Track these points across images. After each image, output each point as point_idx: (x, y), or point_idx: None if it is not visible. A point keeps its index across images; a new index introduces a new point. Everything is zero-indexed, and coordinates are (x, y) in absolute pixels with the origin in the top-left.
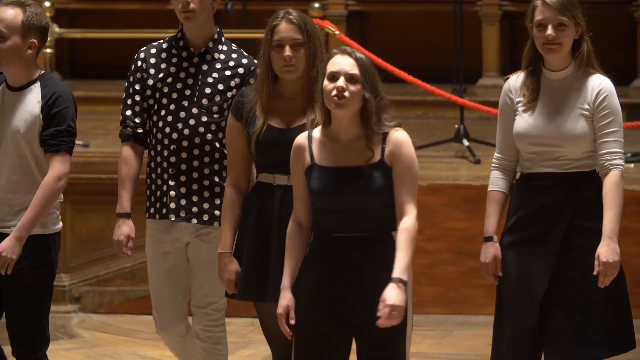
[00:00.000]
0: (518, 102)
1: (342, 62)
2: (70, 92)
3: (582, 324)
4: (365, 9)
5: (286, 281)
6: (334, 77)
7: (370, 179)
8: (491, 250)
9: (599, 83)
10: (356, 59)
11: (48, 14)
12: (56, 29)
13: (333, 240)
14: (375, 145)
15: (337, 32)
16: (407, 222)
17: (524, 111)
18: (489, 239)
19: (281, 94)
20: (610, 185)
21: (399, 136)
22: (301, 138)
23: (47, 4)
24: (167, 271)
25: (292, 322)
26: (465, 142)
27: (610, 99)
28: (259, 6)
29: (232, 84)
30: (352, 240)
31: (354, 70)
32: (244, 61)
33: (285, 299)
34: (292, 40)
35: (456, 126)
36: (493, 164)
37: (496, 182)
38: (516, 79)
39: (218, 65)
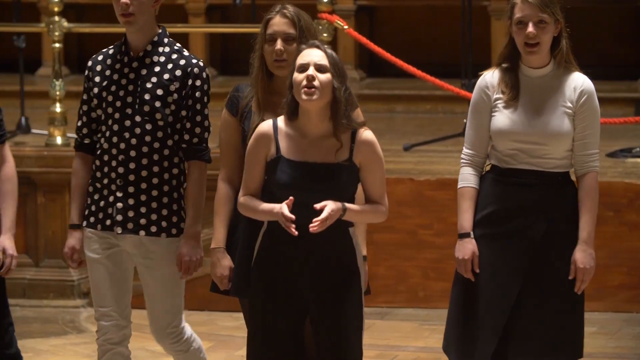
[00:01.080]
0: (497, 99)
1: (311, 54)
2: None
3: (548, 327)
4: (374, 4)
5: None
6: (303, 68)
7: (338, 177)
8: (469, 247)
9: (582, 82)
10: (325, 52)
11: (56, 9)
12: (64, 23)
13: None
14: (343, 143)
15: (345, 27)
16: (380, 206)
17: (505, 107)
18: (465, 235)
19: (276, 89)
20: (588, 188)
21: (368, 137)
22: (266, 126)
23: None
24: (112, 273)
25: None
26: None
27: (592, 99)
28: (267, 0)
29: (172, 88)
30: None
31: (323, 61)
32: (182, 62)
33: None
34: (284, 34)
35: (465, 121)
36: (463, 160)
37: (468, 178)
38: (492, 75)
39: (157, 69)
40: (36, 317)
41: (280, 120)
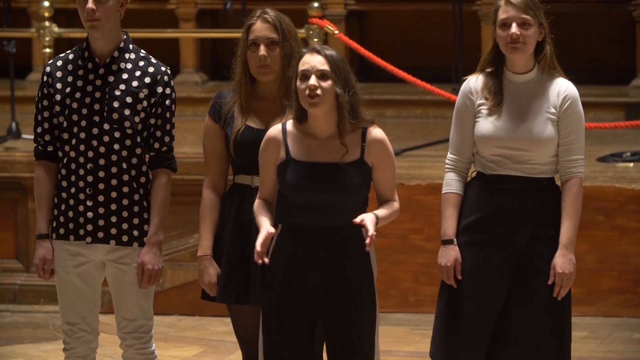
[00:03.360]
0: (480, 105)
1: (312, 61)
2: None
3: (536, 331)
4: (365, 9)
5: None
6: (305, 76)
7: (349, 176)
8: (452, 254)
9: (565, 88)
10: (325, 56)
11: (47, 14)
12: (55, 28)
13: (305, 232)
14: (353, 142)
15: (336, 32)
16: (394, 203)
17: (489, 114)
18: (449, 241)
19: (259, 95)
20: (571, 194)
21: (378, 135)
22: (275, 131)
23: (46, 3)
24: (81, 290)
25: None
26: None
27: (575, 104)
28: (258, 6)
29: (141, 95)
30: (325, 232)
31: (324, 67)
32: (151, 69)
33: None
34: (267, 39)
35: None
36: (448, 166)
37: (452, 183)
38: (476, 80)
39: (125, 76)
40: (27, 322)
41: (289, 124)
